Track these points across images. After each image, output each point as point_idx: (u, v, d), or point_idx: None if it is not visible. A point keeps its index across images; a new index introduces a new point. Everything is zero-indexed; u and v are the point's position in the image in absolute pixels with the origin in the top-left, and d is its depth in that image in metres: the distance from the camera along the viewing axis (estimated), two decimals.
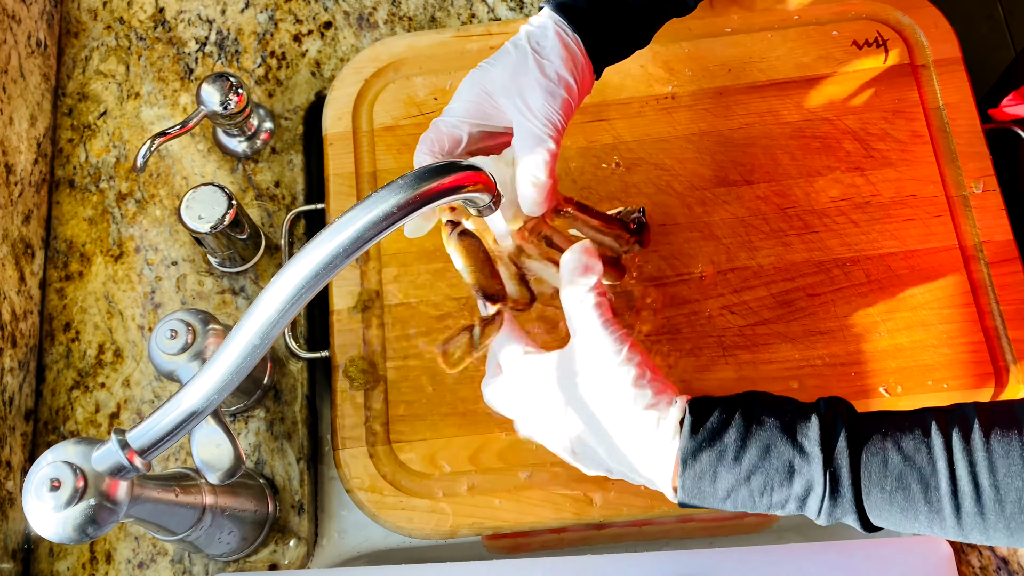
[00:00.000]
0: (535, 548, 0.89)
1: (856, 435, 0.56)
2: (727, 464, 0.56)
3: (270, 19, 0.96)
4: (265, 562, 0.80)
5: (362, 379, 0.81)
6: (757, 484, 0.56)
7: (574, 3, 0.66)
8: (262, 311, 0.51)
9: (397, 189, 0.52)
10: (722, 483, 0.57)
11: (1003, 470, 0.52)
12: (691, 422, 0.57)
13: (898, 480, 0.54)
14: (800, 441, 0.56)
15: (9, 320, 0.82)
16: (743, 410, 0.57)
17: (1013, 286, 0.80)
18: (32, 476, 0.55)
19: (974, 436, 0.54)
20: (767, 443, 0.56)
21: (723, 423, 0.57)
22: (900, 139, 0.85)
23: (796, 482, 0.55)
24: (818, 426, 0.56)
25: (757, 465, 0.56)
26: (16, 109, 0.87)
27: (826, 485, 0.55)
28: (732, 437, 0.56)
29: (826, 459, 0.55)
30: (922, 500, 0.54)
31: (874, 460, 0.55)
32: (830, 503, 0.55)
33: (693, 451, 0.57)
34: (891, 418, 0.57)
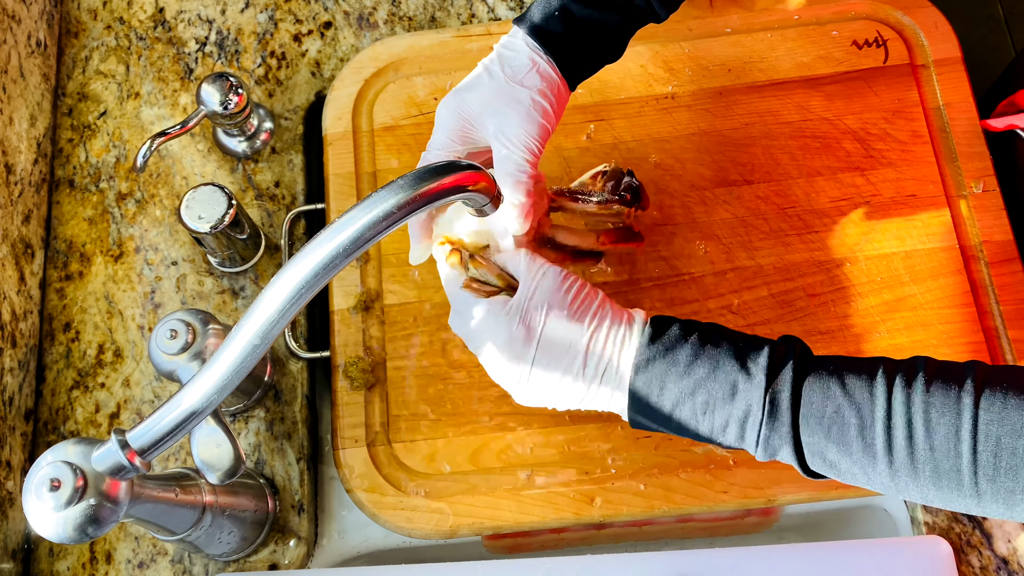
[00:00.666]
0: (535, 548, 0.89)
1: (803, 367, 0.56)
2: (675, 375, 0.58)
3: (270, 19, 0.96)
4: (265, 562, 0.80)
5: (362, 379, 0.81)
6: (701, 399, 0.57)
7: (547, 26, 0.66)
8: (262, 311, 0.51)
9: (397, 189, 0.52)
10: (668, 394, 0.58)
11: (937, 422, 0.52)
12: (650, 333, 0.59)
13: (835, 413, 0.55)
14: (747, 364, 0.57)
15: (9, 320, 0.82)
16: (701, 331, 0.59)
17: (1013, 286, 0.80)
18: (32, 476, 0.55)
19: (916, 384, 0.54)
20: (716, 361, 0.57)
21: (679, 338, 0.58)
22: (900, 139, 0.85)
23: (737, 402, 0.56)
24: (767, 354, 0.57)
25: (703, 381, 0.57)
26: (16, 109, 0.87)
27: (764, 407, 0.55)
28: (685, 352, 0.58)
29: (768, 381, 0.56)
30: (857, 437, 0.54)
31: (815, 390, 0.55)
32: (768, 428, 0.56)
33: (647, 360, 0.58)
34: (843, 360, 0.57)
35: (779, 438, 0.56)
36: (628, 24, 0.68)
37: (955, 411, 0.52)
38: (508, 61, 0.66)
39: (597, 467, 0.78)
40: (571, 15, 0.66)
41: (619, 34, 0.68)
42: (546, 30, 0.66)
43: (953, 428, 0.52)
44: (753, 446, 0.57)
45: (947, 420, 0.52)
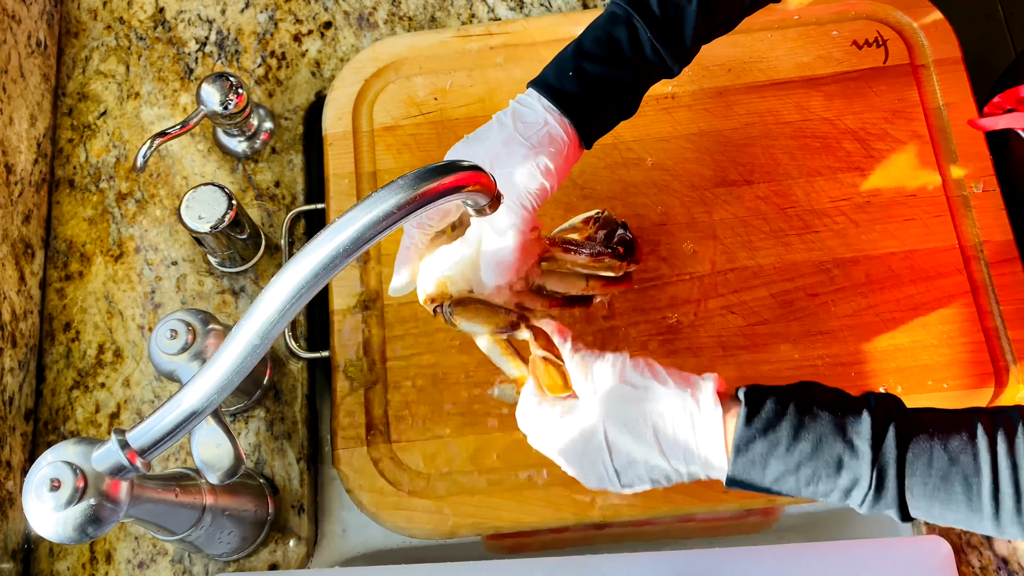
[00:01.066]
0: (535, 548, 0.89)
1: (904, 433, 0.57)
2: (779, 455, 0.58)
3: (270, 19, 0.96)
4: (265, 562, 0.80)
5: (362, 379, 0.81)
6: (805, 474, 0.58)
7: (562, 87, 0.66)
8: (262, 311, 0.51)
9: (397, 189, 0.52)
10: (771, 471, 0.58)
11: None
12: (746, 412, 0.59)
13: (941, 479, 0.56)
14: (851, 437, 0.57)
15: (9, 320, 0.82)
16: (797, 402, 0.59)
17: (1013, 286, 0.80)
18: (32, 476, 0.55)
19: (1019, 439, 0.55)
20: (819, 437, 0.57)
21: (777, 414, 0.58)
22: (900, 139, 0.85)
23: (843, 476, 0.57)
24: (869, 424, 0.57)
25: (808, 457, 0.57)
26: (16, 109, 0.87)
27: (872, 481, 0.56)
28: (785, 429, 0.58)
29: (874, 456, 0.56)
30: (963, 498, 0.55)
31: (920, 458, 0.56)
32: (874, 497, 0.57)
33: (747, 440, 0.58)
34: (938, 416, 0.58)
35: (884, 504, 0.57)
36: (641, 81, 0.68)
37: None
38: (521, 116, 0.66)
39: None
40: (585, 74, 0.66)
41: (632, 91, 0.68)
42: (560, 89, 0.66)
43: None
44: (857, 507, 0.58)
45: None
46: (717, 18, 0.67)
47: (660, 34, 0.66)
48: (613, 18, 0.67)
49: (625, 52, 0.66)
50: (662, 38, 0.66)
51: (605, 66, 0.66)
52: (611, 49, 0.66)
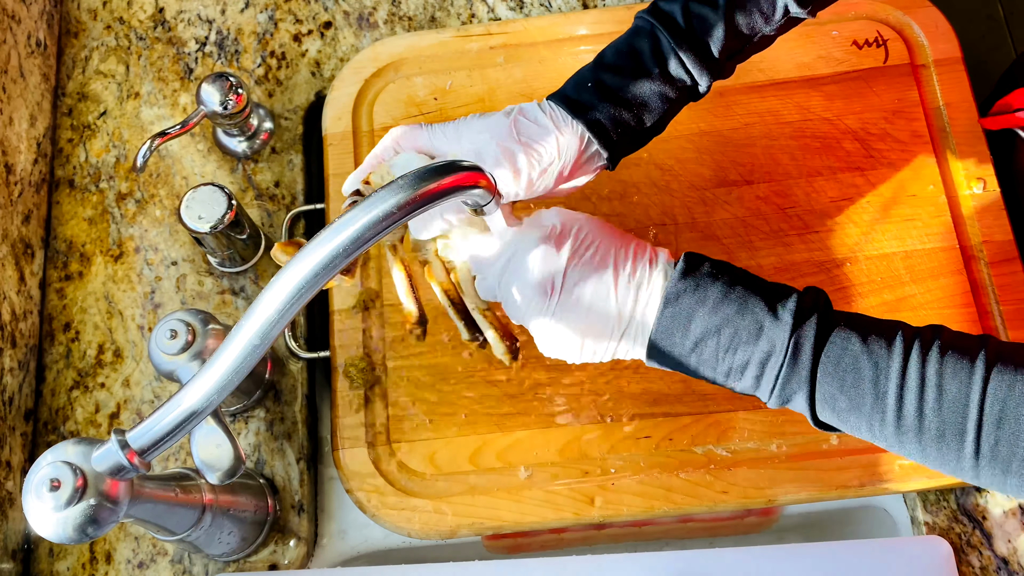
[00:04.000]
0: (535, 548, 0.89)
1: (826, 318, 0.58)
2: (704, 311, 0.58)
3: (270, 19, 0.96)
4: (265, 562, 0.80)
5: (362, 379, 0.81)
6: (726, 337, 0.58)
7: (579, 98, 0.65)
8: (262, 311, 0.51)
9: (397, 189, 0.52)
10: (694, 329, 0.58)
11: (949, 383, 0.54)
12: (682, 268, 0.59)
13: (853, 364, 0.56)
14: (776, 307, 0.58)
15: (9, 320, 0.82)
16: (732, 272, 0.60)
17: (1013, 286, 0.80)
18: (32, 476, 0.55)
19: (933, 348, 0.55)
20: (745, 301, 0.58)
21: (710, 275, 0.59)
22: (900, 139, 0.85)
23: (761, 341, 0.57)
24: (795, 299, 0.58)
25: (731, 318, 0.58)
26: (16, 109, 0.87)
27: (788, 349, 0.56)
28: (716, 289, 0.58)
29: (795, 325, 0.57)
30: (871, 390, 0.56)
31: (837, 340, 0.57)
32: (788, 369, 0.57)
33: (677, 293, 0.59)
34: (865, 318, 0.59)
35: (797, 382, 0.57)
36: (667, 96, 0.66)
37: (967, 375, 0.54)
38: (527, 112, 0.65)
39: (597, 467, 0.78)
40: (603, 85, 0.65)
41: (656, 107, 0.66)
42: (576, 100, 0.65)
43: (963, 391, 0.54)
44: (768, 391, 0.58)
45: (958, 383, 0.54)
46: (746, 32, 0.65)
47: (684, 44, 0.64)
48: (636, 31, 0.66)
49: (646, 63, 0.64)
50: (686, 48, 0.64)
51: (624, 77, 0.65)
52: (632, 60, 0.65)
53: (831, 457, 0.76)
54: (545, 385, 0.80)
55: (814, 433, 0.77)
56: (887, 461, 0.76)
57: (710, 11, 0.64)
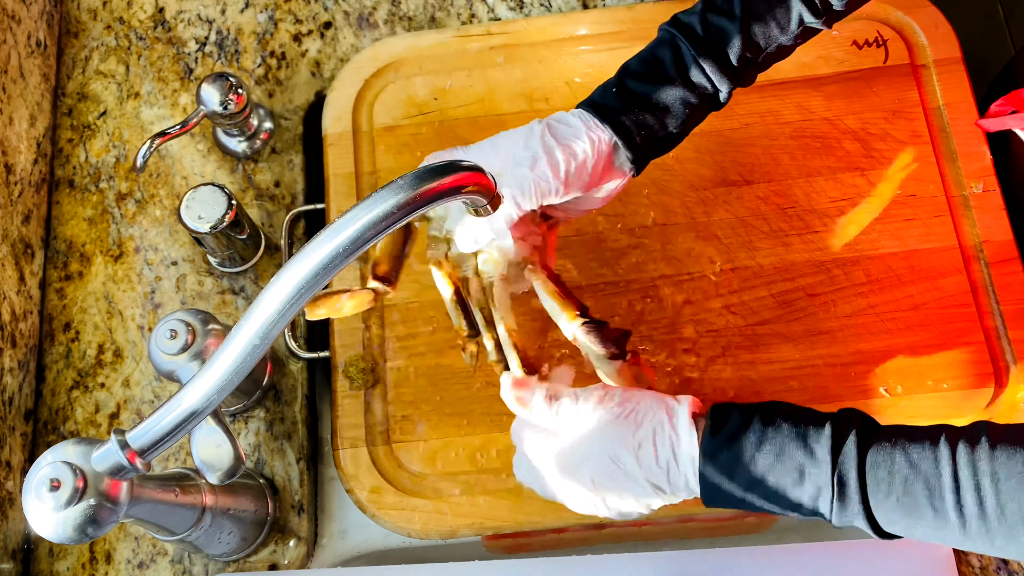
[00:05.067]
0: (535, 548, 0.89)
1: (864, 440, 0.57)
2: (744, 465, 0.58)
3: (270, 19, 0.96)
4: (265, 562, 0.80)
5: (362, 379, 0.81)
6: (771, 484, 0.58)
7: (605, 102, 0.67)
8: (262, 311, 0.51)
9: (397, 189, 0.52)
10: (739, 481, 0.59)
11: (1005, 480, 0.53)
12: (711, 425, 0.60)
13: (903, 485, 0.56)
14: (811, 445, 0.57)
15: (9, 320, 0.82)
16: (761, 415, 0.60)
17: (1013, 286, 0.80)
18: (32, 476, 0.55)
19: (980, 446, 0.55)
20: (781, 447, 0.58)
21: (741, 426, 0.59)
22: (900, 139, 0.85)
23: (807, 485, 0.57)
24: (829, 432, 0.57)
25: (771, 467, 0.58)
26: (16, 109, 0.87)
27: (834, 488, 0.56)
28: (750, 440, 0.59)
29: (834, 462, 0.56)
30: (927, 505, 0.55)
31: (881, 465, 0.56)
32: (839, 505, 0.57)
33: (712, 451, 0.59)
34: (904, 429, 0.58)
35: (852, 512, 0.57)
36: (689, 104, 0.67)
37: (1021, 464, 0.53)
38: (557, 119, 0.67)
39: None
40: (627, 90, 0.67)
41: (679, 113, 0.68)
42: (602, 104, 0.67)
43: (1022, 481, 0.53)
44: (828, 517, 0.58)
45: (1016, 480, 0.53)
46: (762, 42, 0.67)
47: (704, 53, 0.66)
48: (659, 42, 0.69)
49: (668, 70, 0.67)
50: (706, 56, 0.66)
51: (648, 83, 0.67)
52: (654, 68, 0.67)
53: None
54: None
55: None
56: None
57: (727, 22, 0.66)
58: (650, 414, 0.62)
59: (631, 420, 0.62)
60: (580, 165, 0.65)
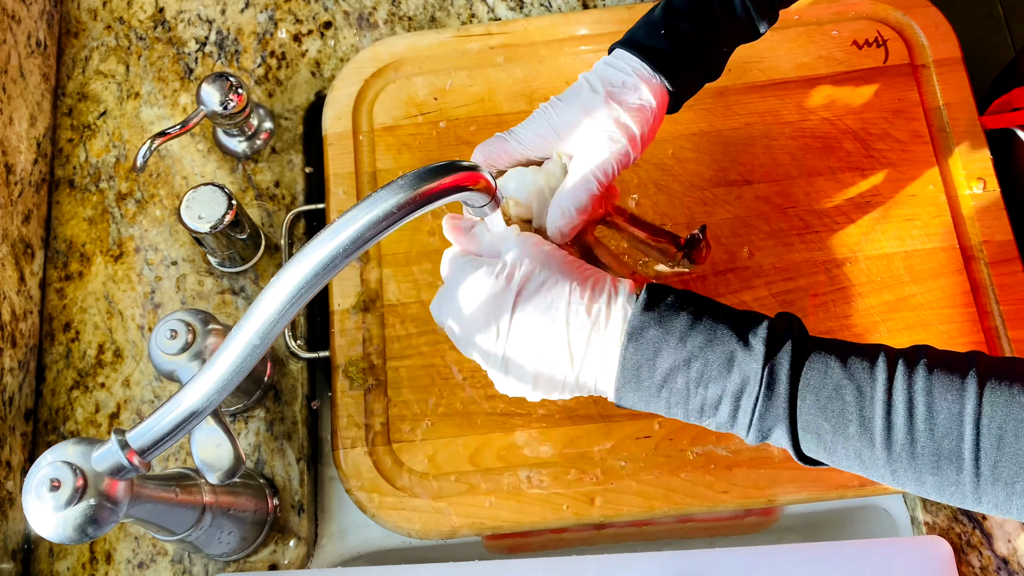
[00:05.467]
0: (535, 548, 0.89)
1: (803, 344, 0.55)
2: (671, 344, 0.55)
3: (270, 19, 0.96)
4: (265, 562, 0.80)
5: (362, 379, 0.81)
6: (696, 370, 0.55)
7: (652, 44, 0.65)
8: (262, 311, 0.51)
9: (397, 189, 0.52)
10: (662, 363, 0.56)
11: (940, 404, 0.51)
12: (645, 300, 0.57)
13: (835, 390, 0.53)
14: (746, 336, 0.55)
15: (9, 320, 0.82)
16: (698, 302, 0.57)
17: (1013, 286, 0.80)
18: (32, 476, 0.55)
19: (919, 367, 0.52)
20: (714, 331, 0.55)
21: (675, 306, 0.57)
22: (900, 139, 0.85)
23: (734, 373, 0.54)
24: (767, 326, 0.55)
25: (700, 350, 0.55)
26: (16, 109, 0.87)
27: (762, 381, 0.53)
28: (682, 320, 0.56)
29: (768, 354, 0.54)
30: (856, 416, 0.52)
31: (815, 366, 0.54)
32: (764, 402, 0.54)
33: (640, 326, 0.56)
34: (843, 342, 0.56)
35: (775, 415, 0.54)
36: (729, 41, 0.68)
37: (959, 395, 0.51)
38: (611, 79, 0.65)
39: (597, 467, 0.78)
40: (676, 31, 0.66)
41: (721, 51, 0.68)
42: (651, 47, 0.65)
43: (956, 411, 0.51)
44: (746, 427, 0.55)
45: (950, 403, 0.51)
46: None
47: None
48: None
49: (716, 9, 0.66)
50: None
51: (696, 23, 0.66)
52: (702, 6, 0.66)
53: None
54: None
55: None
56: None
57: None
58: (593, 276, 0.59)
59: (575, 272, 0.59)
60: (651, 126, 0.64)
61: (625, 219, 0.68)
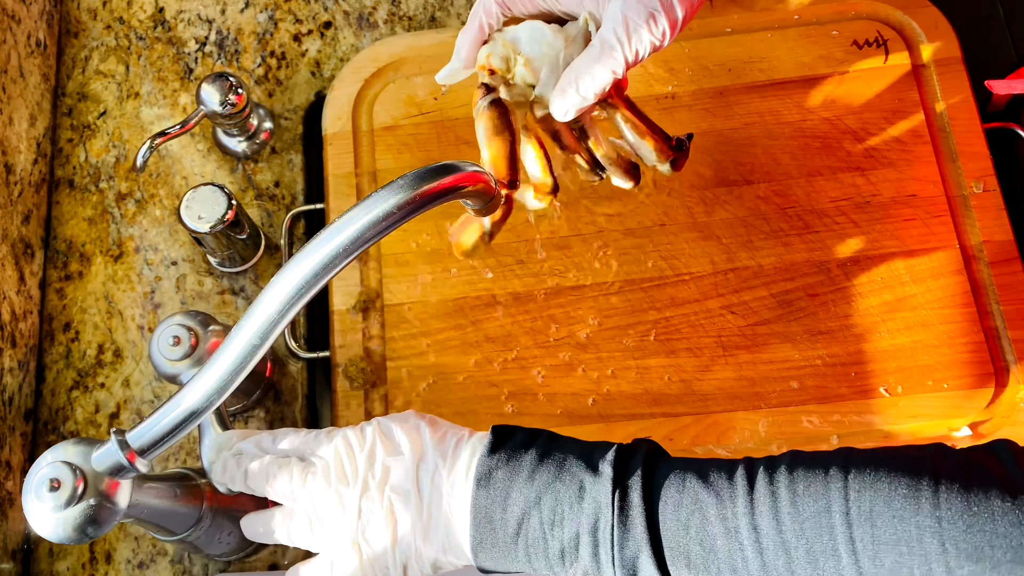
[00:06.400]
0: None
1: (655, 463, 0.52)
2: (520, 482, 0.52)
3: (270, 19, 0.96)
4: (265, 562, 0.80)
5: (362, 379, 0.81)
6: (547, 508, 0.51)
7: None
8: (262, 311, 0.51)
9: (397, 189, 0.52)
10: (513, 507, 0.52)
11: (803, 499, 0.48)
12: (490, 442, 0.54)
13: (693, 501, 0.49)
14: (595, 462, 0.52)
15: (9, 320, 0.82)
16: (546, 436, 0.55)
17: (1013, 286, 0.80)
18: (32, 476, 0.55)
19: (780, 468, 0.50)
20: (562, 463, 0.52)
21: (523, 444, 0.54)
22: (900, 139, 0.85)
23: (586, 504, 0.50)
24: (615, 450, 0.53)
25: (549, 484, 0.52)
26: (16, 109, 0.87)
27: (614, 505, 0.50)
28: (530, 457, 0.53)
29: (616, 476, 0.50)
30: (719, 527, 0.48)
31: (671, 484, 0.50)
32: (620, 530, 0.49)
33: (488, 471, 0.53)
34: (702, 459, 0.53)
35: (634, 540, 0.49)
36: None
37: (822, 486, 0.48)
38: None
39: None
40: None
41: None
42: None
43: (823, 504, 0.47)
44: (609, 563, 0.50)
45: (814, 495, 0.48)
46: None
47: None
48: None
49: None
50: None
51: None
52: None
53: None
54: (545, 385, 0.80)
55: (814, 433, 0.77)
56: None
57: None
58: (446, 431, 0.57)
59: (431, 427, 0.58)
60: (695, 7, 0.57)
61: (625, 106, 0.64)
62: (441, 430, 0.58)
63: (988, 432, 0.76)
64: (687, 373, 0.79)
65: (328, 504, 0.58)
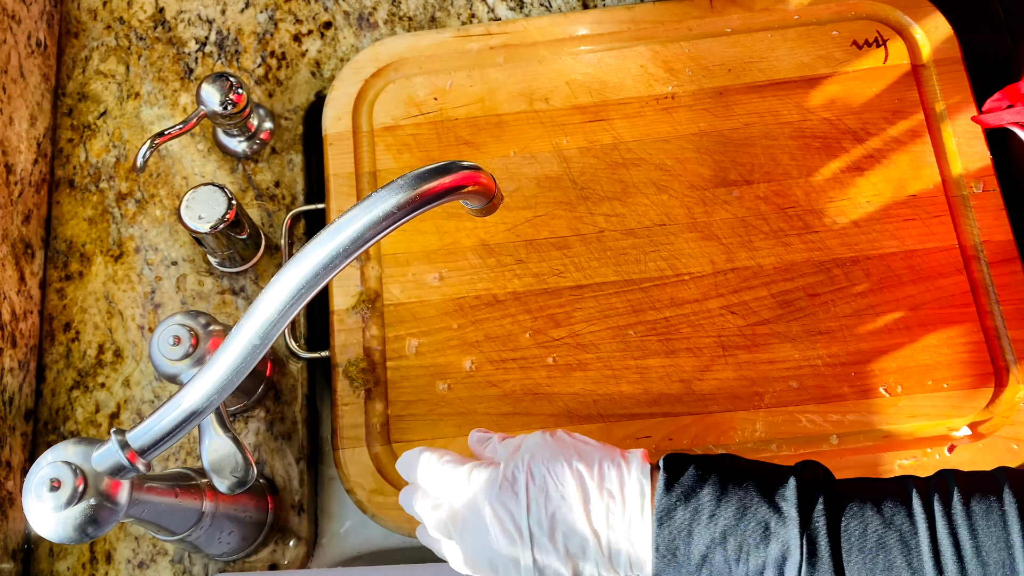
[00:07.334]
0: None
1: (834, 498, 0.54)
2: (702, 523, 0.54)
3: (270, 19, 0.96)
4: (265, 562, 0.80)
5: (362, 379, 0.81)
6: (732, 546, 0.54)
7: None
8: (262, 311, 0.51)
9: (397, 189, 0.52)
10: (697, 545, 0.54)
11: (984, 533, 0.51)
12: (665, 479, 0.55)
13: (878, 543, 0.52)
14: (777, 501, 0.54)
15: (9, 320, 0.82)
16: (719, 468, 0.56)
17: (1013, 286, 0.80)
18: (32, 476, 0.55)
19: (954, 499, 0.52)
20: (743, 502, 0.54)
21: (698, 480, 0.55)
22: (900, 139, 0.85)
23: (772, 545, 0.53)
24: (795, 487, 0.54)
25: (732, 525, 0.54)
26: (16, 109, 0.87)
27: (803, 548, 0.52)
28: (708, 495, 0.54)
29: (803, 520, 0.53)
30: (904, 565, 0.52)
31: (853, 523, 0.53)
32: (808, 569, 0.52)
33: (668, 509, 0.55)
34: (870, 483, 0.55)
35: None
36: None
37: (1000, 523, 0.51)
38: None
39: None
40: None
41: None
42: None
43: (1003, 541, 0.51)
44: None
45: (994, 533, 0.51)
46: None
47: None
48: None
49: None
50: None
51: None
52: None
53: (831, 457, 0.76)
54: (545, 385, 0.80)
55: (813, 433, 0.77)
56: (887, 461, 0.76)
57: None
58: (599, 454, 0.58)
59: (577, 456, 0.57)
60: None
61: None
62: (595, 463, 0.58)
63: (988, 432, 0.76)
64: (687, 373, 0.79)
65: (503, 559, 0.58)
